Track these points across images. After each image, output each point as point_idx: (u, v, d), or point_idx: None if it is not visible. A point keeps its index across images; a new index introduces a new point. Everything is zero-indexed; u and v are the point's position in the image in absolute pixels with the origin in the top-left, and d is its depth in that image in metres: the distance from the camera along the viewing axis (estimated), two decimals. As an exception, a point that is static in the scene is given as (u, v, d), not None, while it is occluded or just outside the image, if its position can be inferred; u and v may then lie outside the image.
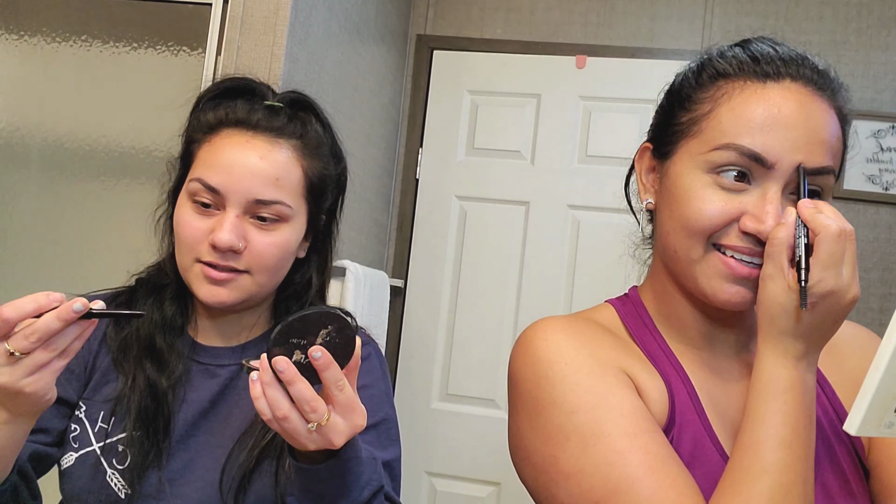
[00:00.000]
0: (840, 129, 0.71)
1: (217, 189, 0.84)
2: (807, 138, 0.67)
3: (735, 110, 0.69)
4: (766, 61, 0.70)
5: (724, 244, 0.69)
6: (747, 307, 0.70)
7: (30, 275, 1.66)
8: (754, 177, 0.68)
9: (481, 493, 2.38)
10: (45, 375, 0.67)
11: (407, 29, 2.56)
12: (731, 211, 0.68)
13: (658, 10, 2.43)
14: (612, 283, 2.39)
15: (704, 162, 0.70)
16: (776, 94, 0.68)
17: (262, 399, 0.67)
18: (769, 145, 0.66)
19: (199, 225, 0.85)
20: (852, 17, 2.31)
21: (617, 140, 2.40)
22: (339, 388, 0.68)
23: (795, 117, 0.67)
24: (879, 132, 2.26)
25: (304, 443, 0.68)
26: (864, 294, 2.23)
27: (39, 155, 1.70)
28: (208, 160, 0.86)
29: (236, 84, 0.94)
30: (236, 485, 0.85)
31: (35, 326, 0.64)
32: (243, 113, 0.89)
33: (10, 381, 0.65)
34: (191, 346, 0.93)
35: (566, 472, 0.68)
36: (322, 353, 0.67)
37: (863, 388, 0.56)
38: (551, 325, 0.75)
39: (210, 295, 0.86)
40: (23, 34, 1.71)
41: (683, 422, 0.71)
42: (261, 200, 0.85)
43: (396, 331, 2.49)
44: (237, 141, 0.87)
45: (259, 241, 0.86)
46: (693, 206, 0.69)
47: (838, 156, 0.70)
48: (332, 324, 0.68)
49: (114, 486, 0.86)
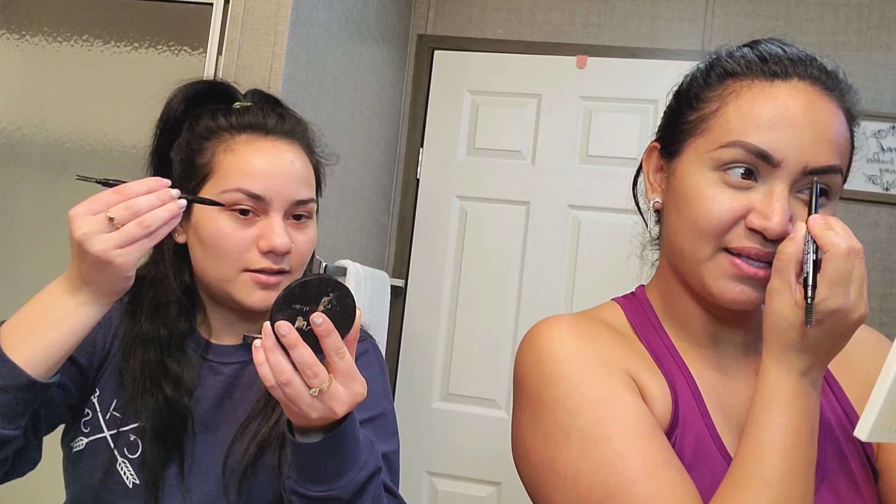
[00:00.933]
0: (848, 129, 0.71)
1: (261, 196, 0.85)
2: (813, 137, 0.67)
3: (742, 108, 0.69)
4: (774, 61, 0.70)
5: (733, 247, 0.69)
6: (753, 307, 0.70)
7: (30, 274, 1.66)
8: (761, 174, 0.68)
9: (482, 492, 2.38)
10: (133, 251, 0.71)
11: (408, 29, 2.56)
12: (738, 208, 0.68)
13: (659, 10, 2.43)
14: (613, 282, 2.39)
15: (711, 160, 0.70)
16: (784, 93, 0.68)
17: (266, 365, 0.68)
18: (776, 143, 0.66)
19: (243, 234, 0.85)
20: (853, 17, 2.31)
21: (617, 140, 2.40)
22: (339, 356, 0.69)
23: (802, 116, 0.67)
24: (880, 132, 2.26)
25: (306, 410, 0.69)
26: (864, 294, 2.23)
27: (40, 154, 1.70)
28: (240, 168, 0.86)
29: (207, 87, 0.95)
30: (239, 475, 0.85)
31: (136, 200, 0.71)
32: (254, 118, 0.90)
33: (103, 249, 0.70)
34: (204, 346, 0.93)
35: (563, 473, 0.68)
36: (323, 320, 0.68)
37: (873, 394, 0.56)
38: (557, 323, 0.75)
39: (262, 301, 0.87)
40: (24, 34, 1.71)
41: (687, 422, 0.71)
42: (300, 201, 0.88)
43: (397, 330, 2.49)
44: (263, 146, 0.88)
45: (300, 240, 0.89)
46: (701, 205, 0.69)
47: (846, 156, 0.70)
48: (333, 291, 0.70)
49: (123, 474, 0.86)
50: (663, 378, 0.73)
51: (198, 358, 0.92)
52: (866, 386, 0.70)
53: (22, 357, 0.72)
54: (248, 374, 0.92)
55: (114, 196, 0.71)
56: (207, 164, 0.88)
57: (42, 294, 0.75)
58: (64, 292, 0.74)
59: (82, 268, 0.72)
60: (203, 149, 0.89)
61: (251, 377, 0.91)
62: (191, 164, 0.90)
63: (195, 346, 0.93)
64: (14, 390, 0.72)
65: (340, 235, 1.99)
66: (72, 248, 0.73)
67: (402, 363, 2.49)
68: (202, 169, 0.88)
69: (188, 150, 0.90)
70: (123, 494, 0.86)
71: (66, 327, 0.74)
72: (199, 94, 0.94)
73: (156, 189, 0.73)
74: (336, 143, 1.88)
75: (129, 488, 0.86)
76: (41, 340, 0.73)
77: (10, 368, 0.71)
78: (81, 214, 0.71)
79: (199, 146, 0.89)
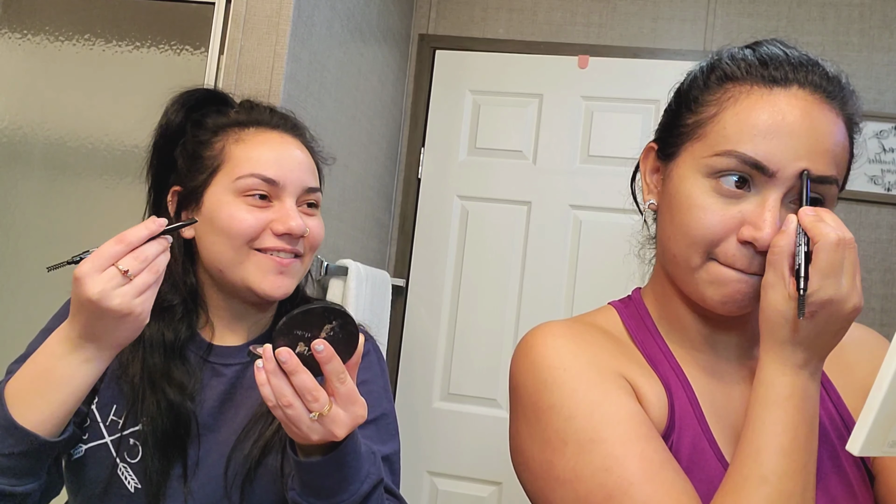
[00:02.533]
0: (847, 137, 0.70)
1: (275, 180, 0.88)
2: (809, 147, 0.66)
3: (739, 115, 0.68)
4: (774, 66, 0.69)
5: (722, 261, 0.68)
6: (745, 311, 0.70)
7: (32, 273, 1.67)
8: (755, 183, 0.67)
9: (483, 492, 2.38)
10: (149, 297, 0.72)
11: (409, 29, 2.56)
12: (730, 222, 0.67)
13: (660, 10, 2.43)
14: (614, 282, 2.39)
15: (706, 166, 0.69)
16: (782, 101, 0.67)
17: (267, 385, 0.69)
18: (771, 153, 0.66)
19: (259, 217, 0.88)
20: (855, 18, 2.31)
21: (619, 140, 2.40)
22: (340, 381, 0.70)
23: (800, 125, 0.66)
24: (882, 133, 2.26)
25: (306, 432, 0.69)
26: (865, 294, 2.23)
27: (42, 153, 1.70)
28: (252, 156, 0.89)
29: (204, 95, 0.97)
30: (242, 477, 0.86)
31: (143, 248, 0.71)
32: (260, 115, 0.94)
33: (123, 303, 0.70)
34: (206, 348, 0.93)
35: (562, 478, 0.68)
36: (325, 346, 0.68)
37: (865, 407, 0.55)
38: (551, 330, 0.75)
39: (275, 286, 0.88)
40: (26, 33, 1.71)
41: (683, 426, 0.71)
42: (310, 188, 0.92)
43: (398, 330, 2.49)
44: (272, 137, 0.92)
45: (313, 225, 0.92)
46: (693, 214, 0.69)
47: (843, 165, 0.69)
48: (336, 319, 0.70)
49: (124, 479, 0.87)
50: (659, 382, 0.73)
51: (199, 361, 0.92)
52: (863, 389, 0.70)
53: (33, 422, 0.72)
54: (250, 375, 0.92)
55: (118, 247, 0.71)
56: (217, 155, 0.90)
57: (43, 354, 0.74)
58: (66, 352, 0.73)
59: (95, 325, 0.72)
60: (212, 142, 0.91)
61: (253, 379, 0.91)
62: (198, 157, 0.91)
63: (196, 349, 0.93)
64: (30, 454, 0.72)
65: (342, 235, 1.99)
66: (75, 308, 0.72)
67: (403, 363, 2.49)
68: (212, 160, 0.90)
69: (195, 144, 0.92)
70: (125, 499, 0.86)
71: (73, 387, 0.74)
72: (197, 101, 0.96)
73: (155, 231, 0.73)
74: (337, 142, 1.88)
75: (131, 493, 0.86)
76: (50, 403, 0.73)
77: (23, 435, 0.72)
78: (90, 273, 0.70)
79: (208, 140, 0.92)
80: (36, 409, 0.72)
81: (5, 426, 0.72)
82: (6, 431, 0.72)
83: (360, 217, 2.15)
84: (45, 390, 0.73)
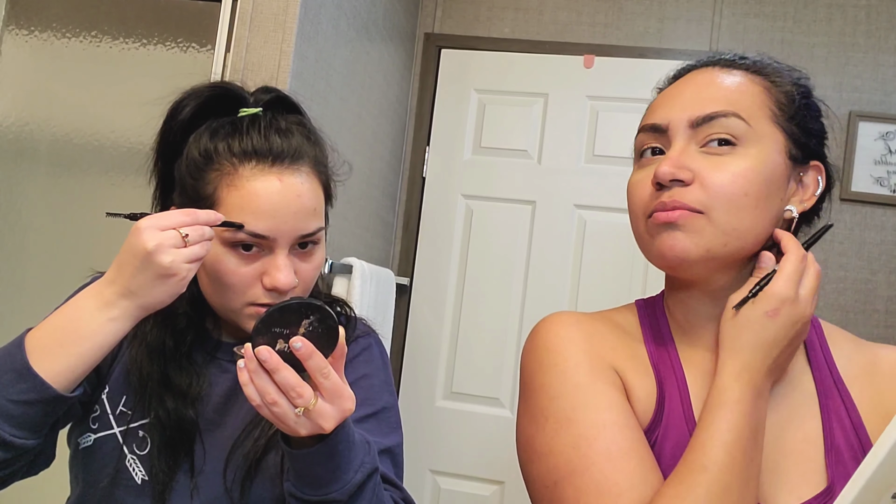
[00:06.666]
0: (755, 81, 0.76)
1: (266, 235, 0.82)
2: (694, 95, 0.75)
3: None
4: (684, 70, 0.82)
5: (651, 210, 0.74)
6: (690, 255, 0.72)
7: (38, 270, 1.67)
8: (665, 147, 0.76)
9: (485, 491, 2.38)
10: (194, 269, 0.76)
11: (415, 27, 2.56)
12: (645, 180, 0.76)
13: (666, 10, 2.43)
14: (618, 282, 2.40)
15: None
16: (683, 83, 0.79)
17: (251, 385, 0.70)
18: (663, 115, 0.76)
19: (247, 270, 0.84)
20: (861, 19, 2.30)
21: (624, 140, 2.39)
22: (323, 376, 0.70)
23: (685, 87, 0.77)
24: (888, 134, 2.25)
25: (293, 427, 0.70)
26: (870, 296, 2.23)
27: (48, 150, 1.70)
28: (243, 206, 0.82)
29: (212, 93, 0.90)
30: (242, 474, 0.86)
31: (204, 227, 0.77)
32: (258, 142, 0.85)
33: (175, 262, 0.73)
34: (214, 345, 0.93)
35: (539, 451, 0.74)
36: (303, 343, 0.69)
37: (857, 473, 0.50)
38: (560, 318, 0.81)
39: None
40: (33, 30, 1.72)
41: (670, 424, 0.74)
42: (306, 234, 0.85)
43: (402, 328, 2.50)
44: (267, 180, 0.83)
45: (304, 269, 0.87)
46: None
47: (747, 101, 0.74)
48: (313, 314, 0.70)
49: (132, 470, 0.87)
50: (653, 380, 0.77)
51: (207, 358, 0.92)
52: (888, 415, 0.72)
53: (49, 372, 0.72)
54: None
55: (184, 217, 0.75)
56: (210, 196, 0.84)
57: (72, 306, 0.75)
58: (96, 307, 0.74)
59: (137, 279, 0.73)
60: (205, 179, 0.85)
61: None
62: (194, 192, 0.86)
63: (204, 347, 0.93)
64: (39, 404, 0.72)
65: (346, 233, 1.99)
66: (122, 261, 0.74)
67: (407, 361, 2.50)
68: (205, 200, 0.85)
69: (189, 176, 0.87)
70: (132, 490, 0.86)
71: (95, 343, 0.74)
72: (206, 100, 0.90)
73: (215, 222, 0.78)
74: (342, 140, 1.89)
75: (138, 484, 0.86)
76: (69, 356, 0.73)
77: (37, 383, 0.72)
78: (151, 227, 0.73)
79: (200, 175, 0.86)
80: (54, 360, 0.73)
81: (20, 370, 0.72)
82: (20, 376, 0.72)
83: (364, 215, 2.16)
84: (67, 341, 0.73)
